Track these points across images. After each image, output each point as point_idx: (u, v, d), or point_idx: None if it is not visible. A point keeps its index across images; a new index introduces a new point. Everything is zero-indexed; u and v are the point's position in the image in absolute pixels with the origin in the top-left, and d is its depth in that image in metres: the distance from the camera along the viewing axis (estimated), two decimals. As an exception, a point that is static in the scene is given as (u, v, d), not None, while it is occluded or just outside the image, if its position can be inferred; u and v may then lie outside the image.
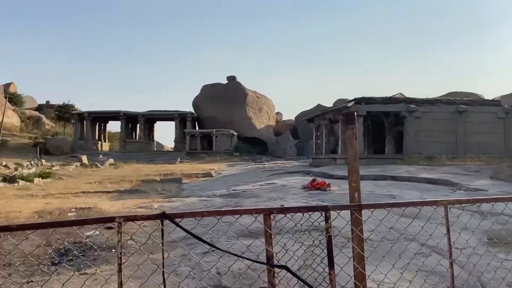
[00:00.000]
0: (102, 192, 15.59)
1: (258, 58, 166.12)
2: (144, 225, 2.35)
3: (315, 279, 2.48)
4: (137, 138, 50.59)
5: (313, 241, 2.94)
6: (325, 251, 2.38)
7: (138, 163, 35.50)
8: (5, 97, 47.96)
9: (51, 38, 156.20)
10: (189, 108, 52.46)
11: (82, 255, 6.19)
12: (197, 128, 50.78)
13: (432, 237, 3.12)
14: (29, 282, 5.05)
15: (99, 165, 31.12)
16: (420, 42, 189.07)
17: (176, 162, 37.45)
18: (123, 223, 2.07)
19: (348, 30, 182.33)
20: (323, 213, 2.39)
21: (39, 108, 61.13)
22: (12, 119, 49.44)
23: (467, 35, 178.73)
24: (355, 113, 2.84)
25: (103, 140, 51.09)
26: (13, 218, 9.57)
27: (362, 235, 2.50)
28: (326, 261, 2.36)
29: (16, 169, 23.98)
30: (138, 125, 50.32)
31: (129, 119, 49.83)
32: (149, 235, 2.19)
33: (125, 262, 1.97)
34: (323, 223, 2.41)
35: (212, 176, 23.27)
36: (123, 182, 19.78)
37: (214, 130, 46.62)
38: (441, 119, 23.89)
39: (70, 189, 16.37)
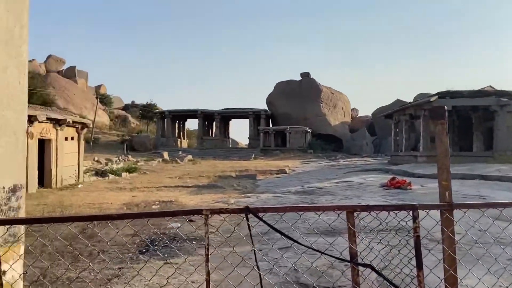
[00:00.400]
0: (182, 186, 16.37)
1: (332, 53, 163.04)
2: (222, 220, 2.42)
3: (402, 280, 2.37)
4: (213, 135, 52.36)
5: (400, 241, 2.82)
6: (413, 251, 2.27)
7: (214, 159, 36.73)
8: (97, 98, 52.42)
9: (137, 41, 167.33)
10: (263, 106, 53.08)
11: (166, 246, 6.57)
12: (271, 125, 51.19)
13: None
14: (121, 268, 5.47)
15: (178, 161, 32.76)
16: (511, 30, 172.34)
17: (251, 158, 38.12)
18: (209, 215, 2.16)
19: (428, 18, 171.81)
20: (411, 212, 2.28)
21: (126, 108, 65.86)
22: (102, 118, 53.88)
23: None
24: (445, 106, 2.66)
25: (182, 137, 53.60)
26: (105, 209, 10.44)
27: (454, 236, 2.34)
28: (413, 262, 2.26)
29: (106, 164, 26.09)
30: (214, 122, 52.04)
31: (206, 117, 51.71)
32: (234, 228, 2.25)
33: (212, 252, 2.04)
34: (410, 223, 2.31)
35: (286, 173, 23.34)
36: (201, 177, 20.60)
37: (288, 127, 46.62)
38: (537, 113, 21.61)
39: (153, 183, 17.44)
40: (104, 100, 57.59)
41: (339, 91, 54.81)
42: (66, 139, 16.75)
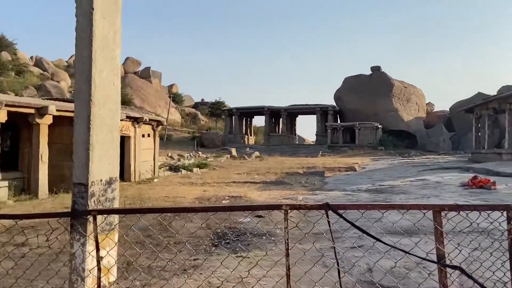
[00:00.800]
0: (250, 182, 16.64)
1: (405, 45, 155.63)
2: (291, 216, 2.42)
3: (494, 284, 2.22)
4: (280, 132, 52.54)
5: (492, 243, 2.64)
6: (506, 254, 2.12)
7: (281, 155, 36.85)
8: (169, 97, 55.02)
9: (206, 42, 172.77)
10: (331, 101, 52.22)
11: (237, 240, 6.73)
12: (339, 121, 50.22)
13: None
14: (195, 259, 5.71)
15: (246, 157, 33.35)
16: None
17: (318, 155, 37.71)
18: (289, 211, 2.18)
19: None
20: (505, 212, 2.12)
21: (195, 106, 68.35)
22: (174, 116, 56.46)
23: None
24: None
25: (249, 134, 54.48)
26: (179, 202, 10.94)
27: (555, 240, 2.14)
28: (507, 265, 2.11)
29: (178, 160, 27.32)
30: (280, 119, 52.21)
31: (273, 114, 52.03)
32: (314, 224, 2.26)
33: (292, 247, 2.06)
34: (503, 224, 2.15)
35: (355, 170, 22.78)
36: (268, 173, 20.78)
37: (357, 123, 45.39)
38: None
39: (222, 179, 17.93)
40: (176, 98, 60.25)
41: (413, 84, 52.25)
42: (143, 136, 17.79)
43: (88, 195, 2.26)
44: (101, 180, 2.35)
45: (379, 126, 45.19)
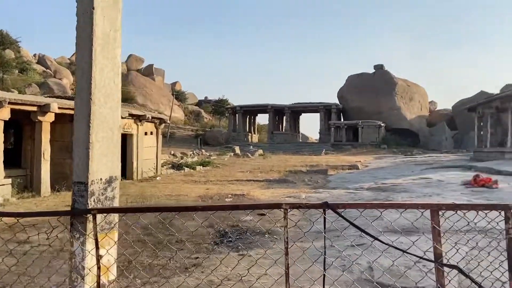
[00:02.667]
0: (253, 180, 16.62)
1: (408, 44, 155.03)
2: (293, 214, 2.43)
3: (492, 283, 2.23)
4: (283, 130, 52.50)
5: (489, 243, 2.64)
6: (504, 254, 2.12)
7: (284, 154, 36.81)
8: (173, 94, 55.09)
9: (209, 39, 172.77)
10: (334, 100, 52.13)
11: (239, 238, 6.73)
12: (342, 120, 50.16)
13: None
14: (196, 258, 5.72)
15: (249, 155, 33.36)
16: None
17: (321, 153, 37.67)
18: (289, 210, 2.19)
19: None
20: (503, 212, 2.12)
21: (199, 103, 68.41)
22: (178, 113, 56.52)
23: None
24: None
25: (252, 132, 54.47)
26: (182, 201, 10.96)
27: (554, 240, 2.14)
28: (505, 265, 2.11)
29: (182, 158, 27.35)
30: (284, 117, 52.14)
31: (276, 112, 51.98)
32: (313, 223, 2.26)
33: (291, 246, 2.07)
34: (501, 224, 2.15)
35: (358, 169, 22.74)
36: (271, 172, 20.76)
37: (360, 121, 45.31)
38: None
39: (226, 177, 17.93)
40: (179, 96, 60.31)
41: (416, 83, 52.07)
42: (145, 133, 17.82)
43: (88, 194, 2.28)
44: (101, 179, 2.37)
45: (382, 124, 45.10)
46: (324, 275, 2.25)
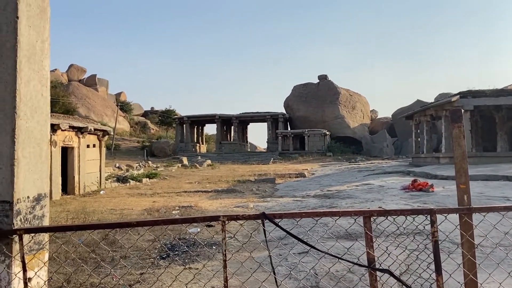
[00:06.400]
0: (201, 191, 16.46)
1: (349, 55, 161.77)
2: (243, 225, 2.44)
3: (421, 285, 2.35)
4: (231, 139, 52.56)
5: (418, 246, 2.79)
6: (431, 256, 2.25)
7: (233, 163, 36.86)
8: (117, 105, 53.38)
9: (155, 50, 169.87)
10: (281, 109, 53.07)
11: (186, 251, 6.61)
12: (289, 129, 51.13)
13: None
14: (142, 274, 5.55)
15: (198, 166, 33.01)
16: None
17: (269, 162, 38.11)
18: (226, 222, 2.19)
19: (447, 19, 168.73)
20: (428, 216, 2.26)
21: (145, 114, 66.85)
22: (123, 124, 54.82)
23: None
24: (461, 109, 2.63)
25: (200, 142, 54.04)
26: (127, 215, 10.60)
27: (473, 240, 2.31)
28: (432, 267, 2.23)
29: (127, 170, 26.51)
30: (232, 127, 52.27)
31: (224, 122, 52.00)
32: (250, 234, 2.27)
33: (230, 258, 2.07)
34: (427, 227, 2.28)
35: (305, 177, 23.24)
36: (220, 182, 20.69)
37: (306, 130, 46.44)
38: None
39: (173, 189, 17.61)
40: (124, 107, 58.59)
41: (358, 92, 54.35)
42: (88, 146, 17.11)
43: (14, 213, 2.14)
44: (28, 197, 2.23)
45: (327, 133, 46.52)
46: (276, 281, 2.27)
